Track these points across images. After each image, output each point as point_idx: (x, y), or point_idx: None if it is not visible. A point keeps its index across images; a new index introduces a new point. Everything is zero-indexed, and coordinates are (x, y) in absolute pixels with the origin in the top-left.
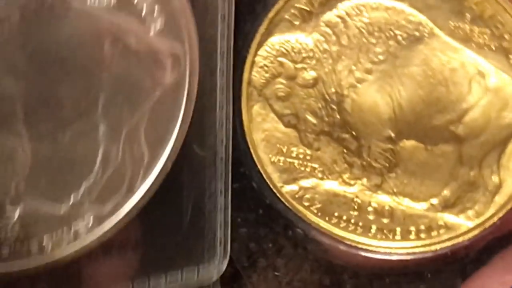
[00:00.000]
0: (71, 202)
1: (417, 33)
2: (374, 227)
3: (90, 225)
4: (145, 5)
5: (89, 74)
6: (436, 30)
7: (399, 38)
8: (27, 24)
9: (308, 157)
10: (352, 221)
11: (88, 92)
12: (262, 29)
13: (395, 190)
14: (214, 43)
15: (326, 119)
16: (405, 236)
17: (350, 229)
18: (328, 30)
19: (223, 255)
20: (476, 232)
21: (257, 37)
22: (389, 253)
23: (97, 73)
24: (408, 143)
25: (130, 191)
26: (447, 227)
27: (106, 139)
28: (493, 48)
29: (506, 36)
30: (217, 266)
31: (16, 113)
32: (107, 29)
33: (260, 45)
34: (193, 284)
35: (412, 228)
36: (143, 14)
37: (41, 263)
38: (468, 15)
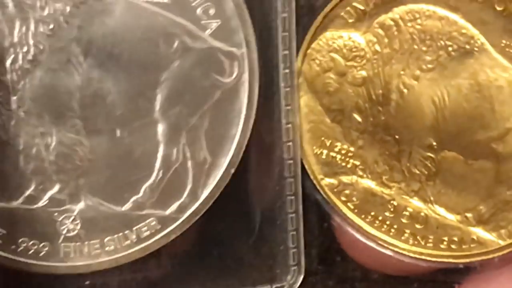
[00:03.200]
0: (131, 203)
1: (467, 46)
2: (408, 232)
3: (153, 228)
4: (200, 4)
5: (145, 71)
6: (487, 46)
7: (450, 49)
8: (80, 17)
9: (350, 154)
10: (387, 222)
11: (145, 90)
12: (317, 22)
13: (431, 198)
14: (274, 45)
15: (371, 119)
16: (436, 245)
17: (383, 229)
18: (381, 32)
19: (298, 271)
20: (506, 251)
21: (312, 30)
22: (419, 259)
23: (153, 71)
24: (449, 154)
25: (193, 195)
26: (479, 242)
27: (166, 140)
28: None
29: None
30: (290, 285)
31: (72, 107)
32: (162, 26)
33: (314, 38)
34: None
35: (445, 238)
36: (198, 13)
37: (105, 263)
38: None
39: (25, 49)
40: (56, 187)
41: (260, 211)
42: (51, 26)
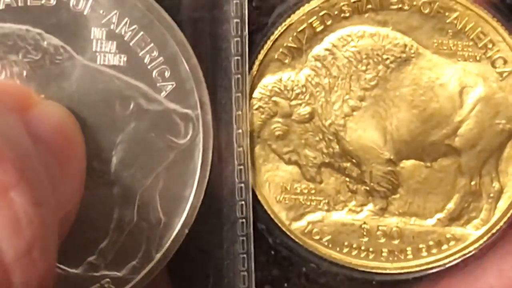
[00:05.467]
0: (86, 265)
1: (404, 55)
2: (385, 250)
3: None
4: (155, 67)
5: (101, 134)
6: (422, 50)
7: (387, 62)
8: (37, 81)
9: (312, 191)
10: (363, 247)
11: (100, 152)
12: (253, 71)
13: (400, 210)
14: (229, 105)
15: (325, 150)
16: (416, 254)
17: (362, 256)
18: (317, 64)
19: None
20: (485, 239)
21: (249, 80)
22: (403, 273)
23: (109, 133)
24: (408, 163)
25: (147, 256)
26: (456, 239)
27: (120, 201)
28: (478, 59)
29: (489, 45)
30: None
31: None
32: (118, 89)
33: (253, 87)
34: None
35: (422, 245)
36: (153, 76)
37: None
38: (450, 31)
39: None
40: None
41: (213, 268)
42: None
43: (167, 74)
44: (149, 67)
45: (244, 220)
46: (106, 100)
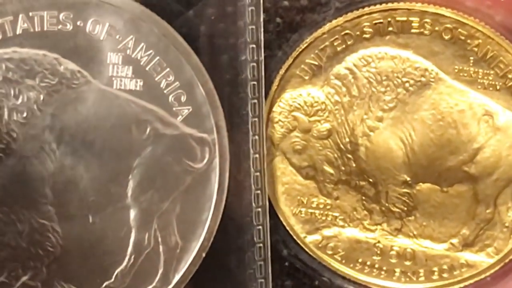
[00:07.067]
0: None
1: (423, 79)
2: (397, 270)
3: None
4: (172, 91)
5: (118, 158)
6: (442, 75)
7: (407, 85)
8: (54, 105)
9: (328, 207)
10: (376, 266)
11: (117, 176)
12: (274, 86)
13: (415, 232)
14: (245, 131)
15: (343, 168)
16: (428, 277)
17: (374, 274)
18: (337, 82)
19: None
20: (497, 268)
21: (270, 94)
22: None
23: (125, 157)
24: (424, 186)
25: (164, 280)
26: (469, 265)
27: (137, 225)
28: (498, 88)
29: (510, 76)
30: None
31: (45, 194)
32: (134, 113)
33: (273, 101)
34: None
35: (435, 269)
36: (170, 100)
37: None
38: (471, 58)
39: None
40: (29, 274)
41: None
42: (25, 114)
43: (183, 98)
44: (165, 91)
45: (261, 244)
46: (122, 124)
